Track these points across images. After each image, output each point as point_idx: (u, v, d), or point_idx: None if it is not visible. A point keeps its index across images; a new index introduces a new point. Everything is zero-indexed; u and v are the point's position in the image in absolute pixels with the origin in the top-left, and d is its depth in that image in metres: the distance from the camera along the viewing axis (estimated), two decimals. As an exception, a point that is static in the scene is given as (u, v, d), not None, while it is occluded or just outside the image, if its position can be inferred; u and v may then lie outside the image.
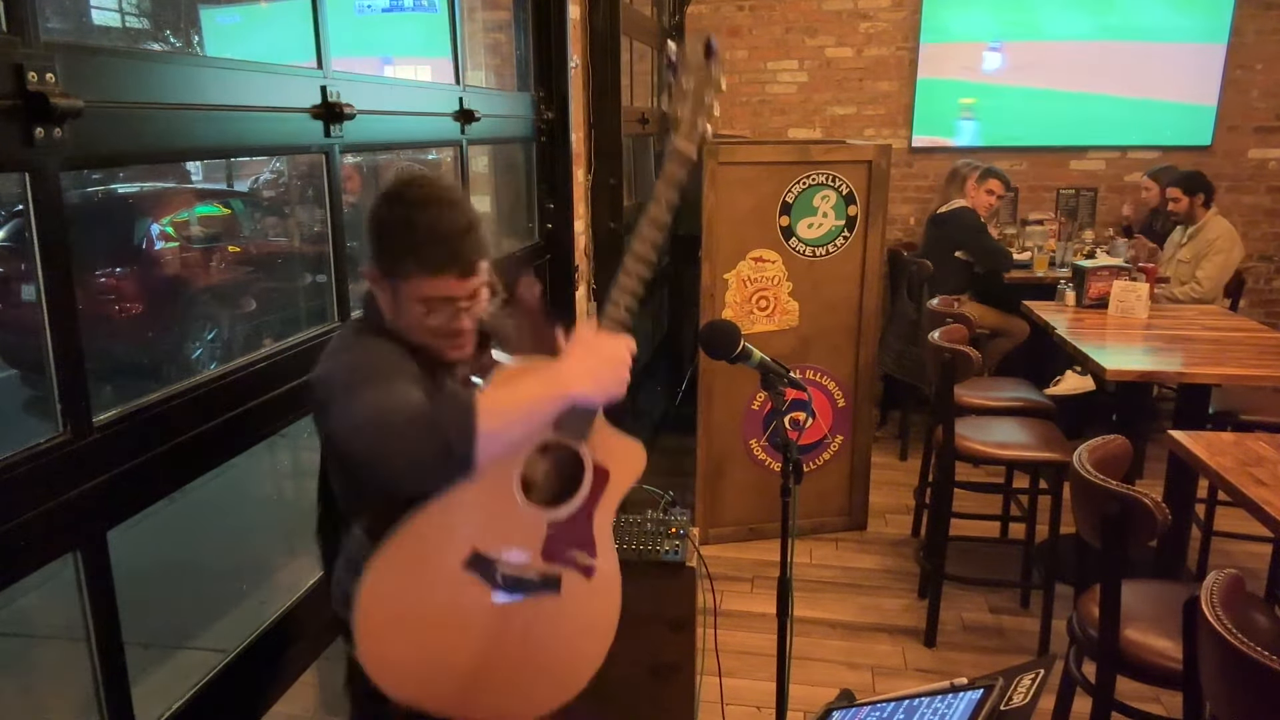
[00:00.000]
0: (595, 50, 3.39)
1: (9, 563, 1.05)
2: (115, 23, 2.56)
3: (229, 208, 2.81)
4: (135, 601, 1.28)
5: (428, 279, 1.30)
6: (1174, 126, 5.15)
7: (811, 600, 3.24)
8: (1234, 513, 2.72)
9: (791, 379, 1.86)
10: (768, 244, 3.47)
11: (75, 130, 1.09)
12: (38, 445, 1.09)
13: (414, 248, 1.29)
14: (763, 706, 2.64)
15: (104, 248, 2.37)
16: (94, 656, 1.19)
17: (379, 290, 1.37)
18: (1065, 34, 5.15)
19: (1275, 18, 4.97)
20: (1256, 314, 5.04)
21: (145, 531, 1.34)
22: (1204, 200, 4.19)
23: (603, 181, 3.48)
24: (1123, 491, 1.81)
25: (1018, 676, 1.21)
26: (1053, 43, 5.18)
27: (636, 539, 2.31)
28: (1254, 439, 2.25)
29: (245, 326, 2.41)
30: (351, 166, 2.40)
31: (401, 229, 1.30)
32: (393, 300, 1.35)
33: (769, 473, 3.64)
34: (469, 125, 2.45)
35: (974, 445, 2.96)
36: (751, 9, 5.35)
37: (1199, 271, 4.14)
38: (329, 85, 1.69)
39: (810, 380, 3.62)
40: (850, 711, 1.29)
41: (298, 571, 1.81)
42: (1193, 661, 1.54)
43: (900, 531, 3.79)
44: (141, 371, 1.89)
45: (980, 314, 4.20)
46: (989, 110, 5.30)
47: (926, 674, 2.81)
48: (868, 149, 3.51)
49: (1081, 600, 2.04)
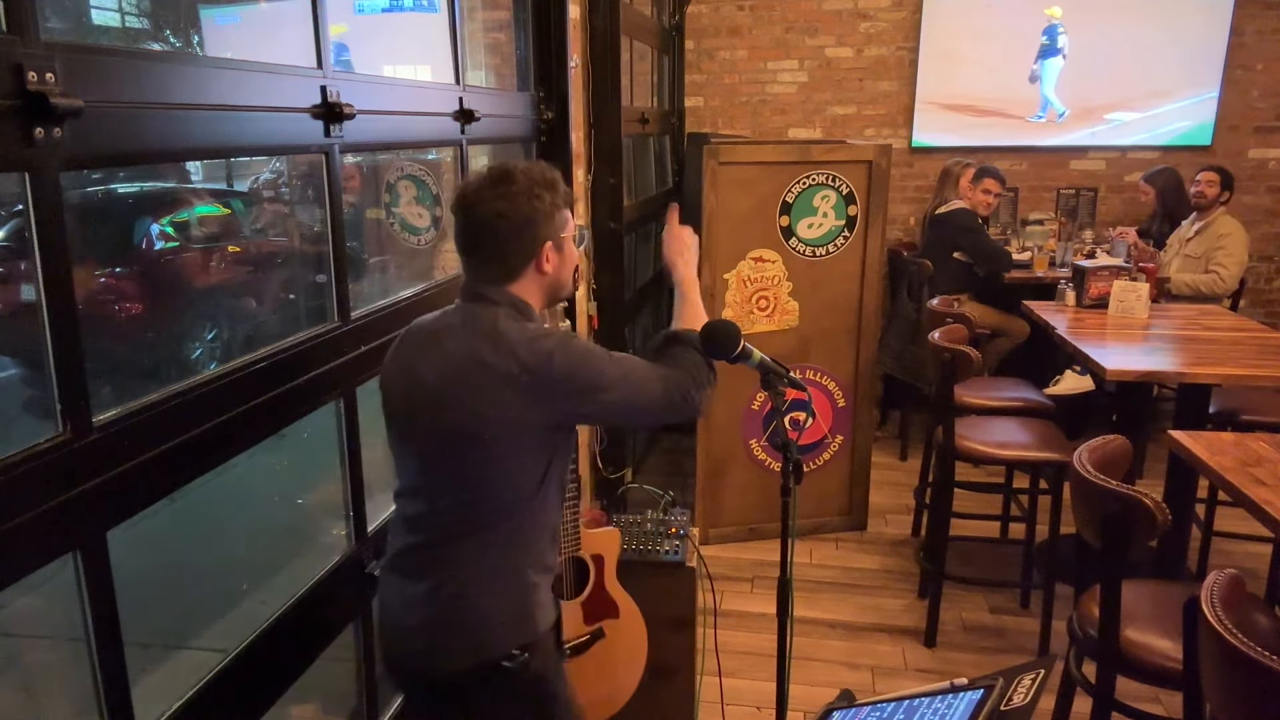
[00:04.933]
0: (595, 50, 3.39)
1: (9, 563, 1.05)
2: (115, 23, 2.55)
3: (229, 208, 2.81)
4: (135, 601, 1.27)
5: (569, 217, 1.58)
6: (1174, 126, 5.15)
7: (811, 600, 3.24)
8: (1234, 513, 2.72)
9: (791, 379, 1.86)
10: (768, 244, 3.47)
11: (75, 130, 1.09)
12: (38, 445, 1.09)
13: (564, 200, 1.55)
14: (763, 706, 2.64)
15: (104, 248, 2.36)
16: (94, 656, 1.19)
17: (550, 262, 1.54)
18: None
19: (1275, 18, 4.97)
20: (1256, 314, 5.04)
21: (145, 531, 1.34)
22: (1226, 198, 4.22)
23: (603, 181, 3.48)
24: (1123, 491, 1.81)
25: (1018, 676, 1.21)
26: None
27: (637, 539, 2.31)
28: (1254, 439, 2.25)
29: (245, 326, 2.41)
30: (352, 166, 2.40)
31: (552, 192, 1.52)
32: (560, 260, 1.56)
33: (769, 473, 3.64)
34: (469, 125, 2.44)
35: (974, 445, 2.96)
36: (751, 9, 5.35)
37: (1219, 266, 4.13)
38: (329, 85, 1.69)
39: (810, 380, 3.62)
40: (850, 711, 1.29)
41: (298, 571, 1.81)
42: (1193, 661, 1.54)
43: (900, 531, 3.79)
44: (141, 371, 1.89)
45: (980, 314, 4.20)
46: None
47: (926, 674, 2.81)
48: (868, 149, 3.51)
49: (1081, 600, 2.04)
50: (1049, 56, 5.20)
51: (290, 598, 1.67)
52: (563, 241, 1.55)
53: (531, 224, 1.49)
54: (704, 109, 5.53)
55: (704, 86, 5.50)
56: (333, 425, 1.85)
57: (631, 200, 4.03)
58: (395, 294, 2.12)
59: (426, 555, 1.53)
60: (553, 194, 1.51)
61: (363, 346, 1.87)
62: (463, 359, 1.46)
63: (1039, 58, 5.20)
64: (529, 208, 1.47)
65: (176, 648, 1.71)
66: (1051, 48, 5.18)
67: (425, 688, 1.58)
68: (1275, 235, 5.22)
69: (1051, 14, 5.13)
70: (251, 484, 2.10)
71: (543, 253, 1.51)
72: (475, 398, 1.44)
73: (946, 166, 4.60)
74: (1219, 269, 4.14)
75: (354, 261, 1.85)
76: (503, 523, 1.51)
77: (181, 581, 2.01)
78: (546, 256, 1.52)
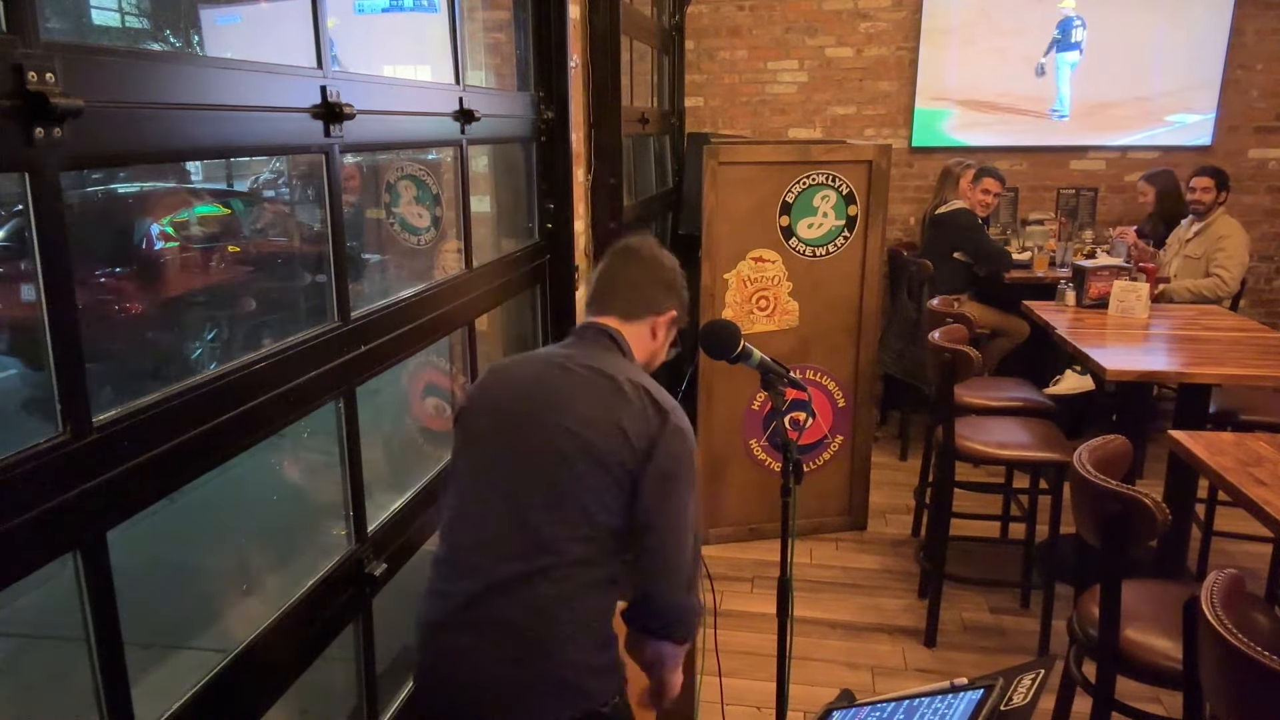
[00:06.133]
0: (595, 50, 3.39)
1: (9, 563, 1.05)
2: (115, 22, 2.56)
3: (229, 208, 2.81)
4: (135, 601, 1.27)
5: (682, 310, 1.69)
6: (1174, 126, 5.15)
7: (811, 600, 3.24)
8: (1234, 513, 2.72)
9: (791, 379, 1.86)
10: (768, 244, 3.47)
11: (75, 130, 1.09)
12: (37, 445, 1.09)
13: (685, 289, 1.70)
14: (763, 706, 2.64)
15: (104, 248, 2.37)
16: (94, 656, 1.19)
17: (659, 332, 1.64)
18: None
19: (1275, 18, 4.97)
20: (1256, 314, 5.04)
21: (145, 531, 1.34)
22: (1224, 198, 4.21)
23: (603, 181, 3.48)
24: (1123, 491, 1.81)
25: (1018, 676, 1.21)
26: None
27: (636, 539, 2.31)
28: (1254, 439, 2.25)
29: (245, 326, 2.41)
30: (352, 166, 2.40)
31: (685, 286, 1.68)
32: (665, 337, 1.66)
33: (769, 473, 3.64)
34: (469, 125, 2.44)
35: (974, 445, 2.95)
36: (751, 9, 5.35)
37: (1220, 269, 4.13)
38: (329, 85, 1.69)
39: (810, 380, 3.62)
40: (850, 711, 1.29)
41: (298, 571, 1.81)
42: (1193, 661, 1.54)
43: (900, 531, 3.79)
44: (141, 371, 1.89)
45: (980, 314, 4.20)
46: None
47: (926, 674, 2.81)
48: (868, 149, 3.51)
49: (1081, 600, 2.04)
50: (1064, 50, 5.17)
51: (290, 598, 1.67)
52: (673, 323, 1.68)
53: (671, 287, 1.65)
54: (704, 109, 5.54)
55: (704, 86, 5.50)
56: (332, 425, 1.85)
57: (631, 200, 4.03)
58: (395, 294, 2.12)
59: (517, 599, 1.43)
60: (685, 286, 1.69)
61: (363, 346, 1.87)
62: (590, 379, 1.49)
63: (1052, 49, 5.18)
64: (674, 275, 1.65)
65: (176, 648, 1.71)
66: (1066, 41, 5.16)
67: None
68: (1275, 235, 5.22)
69: (1065, 5, 5.11)
70: (252, 484, 2.10)
71: (663, 317, 1.64)
72: (608, 410, 1.45)
73: (946, 166, 4.60)
74: (1220, 271, 4.14)
75: (354, 261, 1.84)
76: (609, 560, 1.46)
77: (181, 581, 2.01)
78: (662, 324, 1.64)
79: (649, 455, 1.41)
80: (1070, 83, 5.19)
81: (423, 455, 2.70)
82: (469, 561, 1.46)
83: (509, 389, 1.55)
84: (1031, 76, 5.21)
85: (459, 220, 2.51)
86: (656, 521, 1.42)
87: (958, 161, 4.57)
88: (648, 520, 1.42)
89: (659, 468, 1.41)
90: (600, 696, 1.44)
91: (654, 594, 1.45)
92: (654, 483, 1.41)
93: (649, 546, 1.43)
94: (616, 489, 1.41)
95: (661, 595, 1.44)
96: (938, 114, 5.32)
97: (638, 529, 1.43)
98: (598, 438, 1.41)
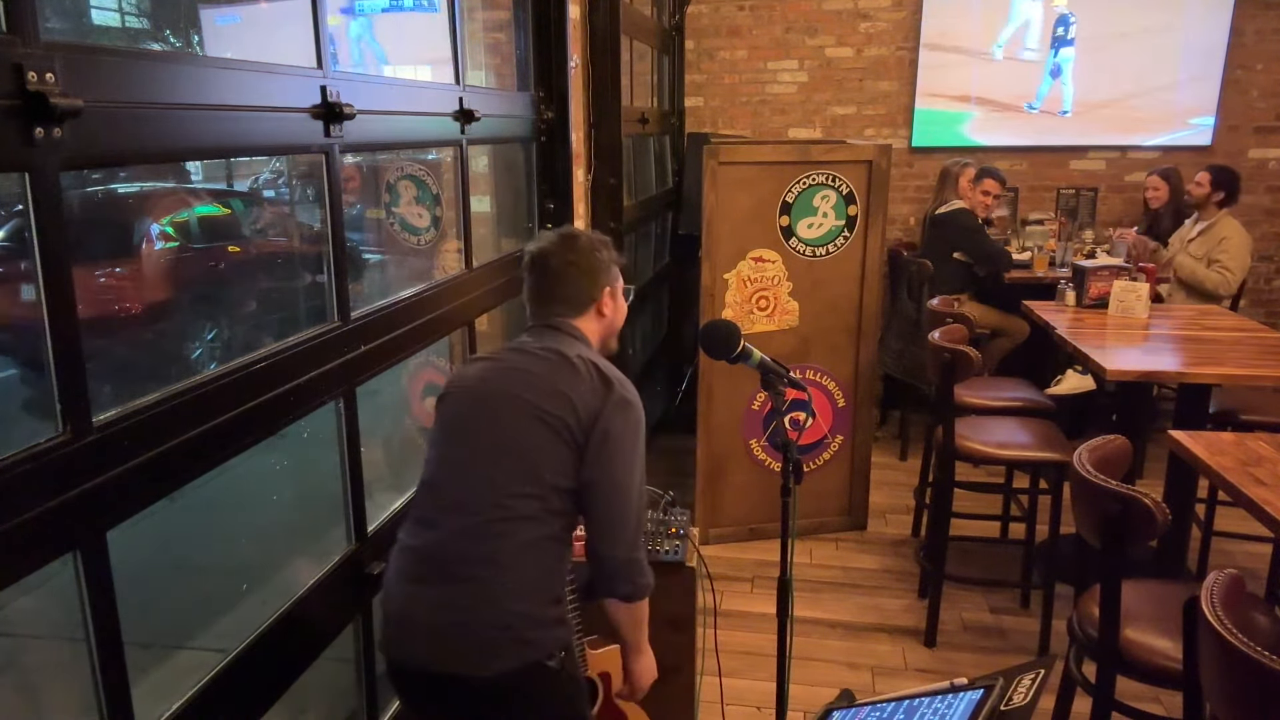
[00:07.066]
0: (595, 50, 3.39)
1: (9, 563, 1.05)
2: (115, 23, 2.56)
3: (229, 208, 2.81)
4: (135, 601, 1.27)
5: (619, 274, 1.81)
6: (1173, 126, 5.15)
7: (811, 600, 3.25)
8: (1234, 513, 2.72)
9: (791, 379, 1.86)
10: (768, 244, 3.47)
11: (75, 130, 1.09)
12: (37, 445, 1.09)
13: (616, 258, 1.80)
14: (763, 706, 2.64)
15: (104, 248, 2.37)
16: (94, 656, 1.19)
17: (608, 307, 1.76)
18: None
19: (1275, 18, 4.97)
20: (1256, 314, 5.04)
21: (145, 531, 1.34)
22: (1222, 199, 4.19)
23: (603, 181, 3.48)
24: (1123, 491, 1.81)
25: (1018, 676, 1.21)
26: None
27: (636, 539, 2.31)
28: (1254, 439, 2.25)
29: (245, 326, 2.41)
30: (352, 166, 2.40)
31: (608, 250, 1.78)
32: (614, 307, 1.79)
33: (769, 473, 3.64)
34: (469, 125, 2.44)
35: (974, 445, 2.95)
36: (751, 9, 5.35)
37: (1223, 268, 4.12)
38: (329, 85, 1.69)
39: (810, 380, 3.62)
40: (850, 711, 1.29)
41: (298, 571, 1.81)
42: (1193, 661, 1.54)
43: (900, 531, 3.79)
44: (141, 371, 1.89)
45: (980, 314, 4.20)
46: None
47: (926, 674, 2.81)
48: (868, 149, 3.51)
49: (1081, 600, 2.04)
50: (1063, 46, 5.17)
51: (290, 598, 1.67)
52: (617, 291, 1.79)
53: (595, 272, 1.73)
54: (704, 109, 5.53)
55: (704, 86, 5.50)
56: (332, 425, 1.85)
57: (631, 200, 4.03)
58: (395, 294, 2.12)
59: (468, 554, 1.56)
60: (609, 251, 1.78)
61: (363, 346, 1.87)
62: (544, 357, 1.64)
63: (1054, 46, 5.17)
64: (593, 259, 1.73)
65: (176, 648, 1.71)
66: (1065, 38, 5.16)
67: (465, 692, 1.54)
68: (1275, 235, 5.22)
69: (1057, 2, 5.12)
70: (252, 484, 2.10)
71: (603, 298, 1.75)
72: (563, 387, 1.59)
73: (946, 166, 4.60)
74: (1221, 266, 4.13)
75: (354, 261, 1.85)
76: (557, 519, 1.59)
77: (181, 581, 2.01)
78: (605, 302, 1.75)
79: (594, 422, 1.57)
80: (1072, 80, 5.19)
81: (423, 455, 2.69)
82: (429, 517, 1.60)
83: (475, 369, 1.73)
84: (1036, 76, 5.21)
85: (459, 220, 2.52)
86: (600, 480, 1.58)
87: (956, 161, 4.57)
88: (591, 479, 1.58)
89: (603, 432, 1.57)
90: (545, 648, 1.54)
91: (598, 551, 1.60)
92: (598, 447, 1.57)
93: (593, 504, 1.58)
94: (565, 450, 1.57)
95: (604, 550, 1.59)
96: (957, 116, 5.31)
97: (583, 488, 1.58)
98: (549, 405, 1.57)
